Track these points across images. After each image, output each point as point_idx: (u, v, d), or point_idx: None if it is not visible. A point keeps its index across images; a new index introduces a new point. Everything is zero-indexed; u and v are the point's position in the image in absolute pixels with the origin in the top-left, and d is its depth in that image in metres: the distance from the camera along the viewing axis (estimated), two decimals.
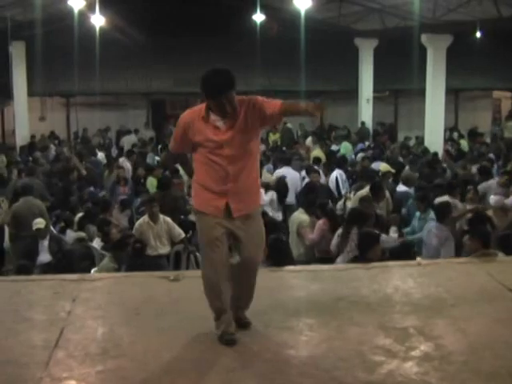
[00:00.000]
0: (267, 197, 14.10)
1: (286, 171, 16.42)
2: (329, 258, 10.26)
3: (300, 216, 11.78)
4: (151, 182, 16.18)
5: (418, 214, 12.36)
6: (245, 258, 5.66)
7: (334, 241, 10.37)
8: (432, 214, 11.55)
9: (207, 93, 5.47)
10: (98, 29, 25.60)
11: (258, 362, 5.31)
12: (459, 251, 10.31)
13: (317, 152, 20.50)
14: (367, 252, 8.68)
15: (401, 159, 19.65)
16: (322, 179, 16.23)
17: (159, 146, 24.64)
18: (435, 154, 20.50)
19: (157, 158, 21.39)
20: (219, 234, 5.55)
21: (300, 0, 22.04)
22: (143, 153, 21.79)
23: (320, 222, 11.43)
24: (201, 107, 5.62)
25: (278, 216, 14.20)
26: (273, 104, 5.44)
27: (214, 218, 5.55)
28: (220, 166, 5.52)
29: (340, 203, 13.86)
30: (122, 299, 6.86)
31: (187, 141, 5.67)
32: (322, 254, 11.09)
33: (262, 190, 13.91)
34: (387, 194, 12.96)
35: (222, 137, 5.52)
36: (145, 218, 11.85)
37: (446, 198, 12.27)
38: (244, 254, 5.66)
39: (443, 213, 11.05)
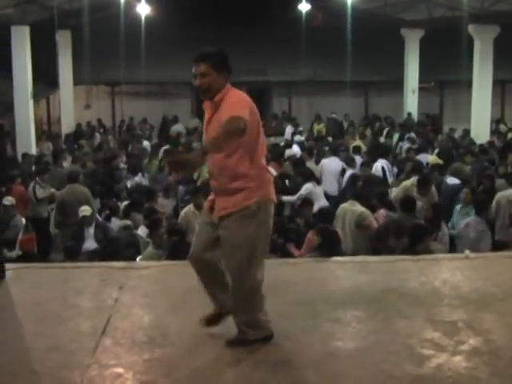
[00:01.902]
0: (307, 187, 13.95)
1: (329, 162, 16.36)
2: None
3: (356, 208, 11.27)
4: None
5: (458, 208, 12.21)
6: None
7: None
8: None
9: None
10: (143, 17, 25.68)
11: (306, 353, 5.28)
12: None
13: (357, 142, 20.43)
14: (417, 244, 8.60)
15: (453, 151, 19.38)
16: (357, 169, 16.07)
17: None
18: (481, 145, 20.29)
19: None
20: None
21: None
22: (188, 142, 21.79)
23: (382, 213, 11.31)
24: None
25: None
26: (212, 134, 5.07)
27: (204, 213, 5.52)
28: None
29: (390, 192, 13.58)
30: (168, 288, 6.89)
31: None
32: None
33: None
34: (433, 187, 12.74)
35: (205, 125, 5.39)
36: (190, 207, 11.86)
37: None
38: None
39: (483, 206, 10.94)
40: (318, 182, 14.65)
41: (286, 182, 14.87)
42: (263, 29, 28.09)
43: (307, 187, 13.84)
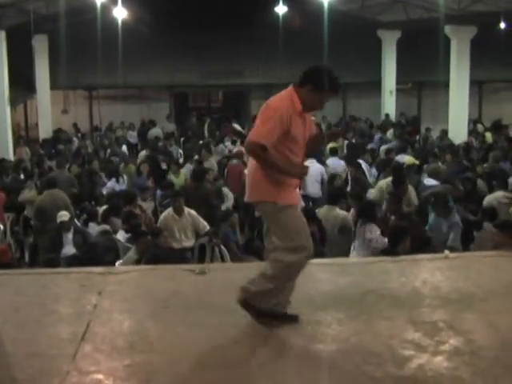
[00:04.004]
0: None
1: (309, 162, 16.35)
2: None
3: (337, 212, 11.32)
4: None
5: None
6: None
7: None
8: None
9: (333, 87, 5.72)
10: (120, 21, 25.61)
11: (288, 356, 5.26)
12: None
13: (332, 143, 20.42)
14: (397, 245, 8.61)
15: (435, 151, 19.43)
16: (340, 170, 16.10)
17: (182, 139, 24.65)
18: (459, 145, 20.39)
19: (180, 151, 21.38)
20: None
21: None
22: (165, 146, 21.81)
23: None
24: (290, 99, 5.64)
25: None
26: None
27: (298, 208, 5.79)
28: (298, 159, 5.66)
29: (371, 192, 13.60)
30: (148, 292, 6.83)
31: (282, 133, 5.48)
32: None
33: None
34: (411, 187, 12.75)
35: (306, 131, 5.71)
36: (169, 211, 11.85)
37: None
38: None
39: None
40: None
41: None
42: (241, 31, 28.10)
43: None
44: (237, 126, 27.09)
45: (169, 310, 6.24)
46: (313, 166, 16.06)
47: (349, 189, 14.32)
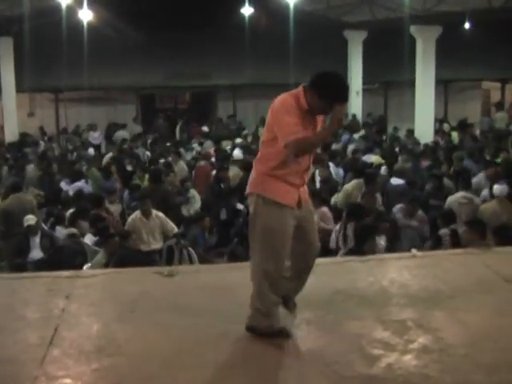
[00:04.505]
0: None
1: None
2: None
3: None
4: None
5: (398, 208, 12.29)
6: None
7: (334, 236, 10.28)
8: None
9: (341, 96, 5.51)
10: (85, 23, 25.45)
11: (258, 357, 5.25)
12: None
13: None
14: (363, 245, 8.64)
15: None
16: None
17: (149, 141, 24.54)
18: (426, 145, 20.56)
19: (147, 153, 21.28)
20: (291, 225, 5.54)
21: None
22: (132, 148, 21.72)
23: (324, 210, 11.38)
24: (296, 97, 5.58)
25: None
26: None
27: (291, 209, 5.50)
28: (303, 159, 5.53)
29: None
30: (116, 295, 6.79)
31: (299, 119, 5.44)
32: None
33: None
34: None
35: (314, 131, 5.56)
36: (137, 214, 11.82)
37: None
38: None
39: None
40: None
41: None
42: (208, 33, 28.00)
43: None
44: (204, 128, 27.06)
45: (136, 312, 6.20)
46: None
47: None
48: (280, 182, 5.47)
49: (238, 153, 18.46)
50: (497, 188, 11.62)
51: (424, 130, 23.92)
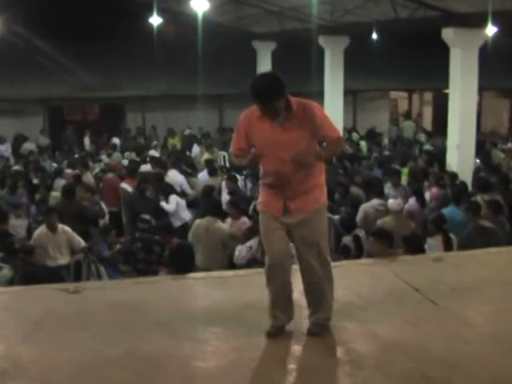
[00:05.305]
0: (175, 198, 13.86)
1: (172, 173, 16.22)
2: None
3: (218, 225, 11.24)
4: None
5: None
6: None
7: (245, 253, 10.20)
8: None
9: (254, 99, 5.57)
10: None
11: (165, 375, 5.10)
12: None
13: (207, 155, 20.32)
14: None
15: None
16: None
17: (57, 153, 24.07)
18: None
19: (54, 165, 20.84)
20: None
21: (197, 2, 21.73)
22: (36, 160, 21.26)
23: (244, 220, 11.32)
24: (253, 109, 5.76)
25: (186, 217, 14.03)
26: (331, 130, 5.81)
27: (271, 215, 5.72)
28: (270, 163, 5.64)
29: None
30: (19, 314, 6.53)
31: (248, 140, 5.75)
32: None
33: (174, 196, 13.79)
34: None
35: (276, 136, 5.59)
36: (43, 228, 11.52)
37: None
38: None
39: None
40: (179, 194, 14.57)
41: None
42: (116, 44, 27.72)
43: (175, 198, 13.79)
44: (115, 140, 26.68)
45: (42, 332, 5.99)
46: (174, 177, 15.99)
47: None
48: (264, 190, 5.81)
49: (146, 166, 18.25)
50: (392, 202, 11.67)
51: None
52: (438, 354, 5.37)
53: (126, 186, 15.21)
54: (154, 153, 21.86)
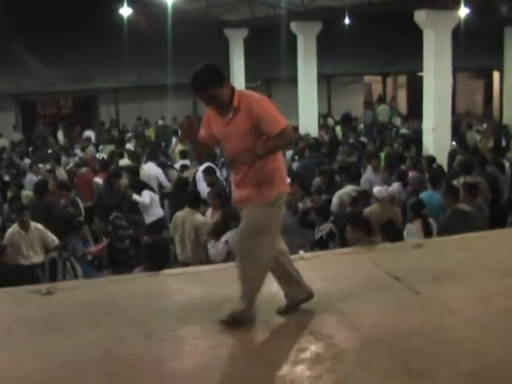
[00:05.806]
0: (149, 194, 13.69)
1: (148, 166, 16.05)
2: None
3: (196, 217, 11.01)
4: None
5: None
6: None
7: (221, 248, 10.10)
8: None
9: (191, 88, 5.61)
10: None
11: (143, 377, 4.94)
12: None
13: (180, 146, 20.16)
14: None
15: None
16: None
17: (30, 149, 23.77)
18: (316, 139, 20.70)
19: (27, 161, 20.56)
20: None
21: None
22: (9, 157, 20.95)
23: None
24: None
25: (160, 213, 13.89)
26: (271, 125, 5.48)
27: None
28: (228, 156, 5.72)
29: None
30: None
31: (209, 130, 5.91)
32: None
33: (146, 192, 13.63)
34: None
35: (223, 130, 5.68)
36: (15, 227, 11.37)
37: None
38: None
39: None
40: (153, 189, 14.41)
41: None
42: (86, 35, 27.47)
43: (149, 194, 13.70)
44: (89, 133, 26.42)
45: (13, 337, 5.78)
46: (150, 169, 15.83)
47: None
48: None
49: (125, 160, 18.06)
50: (380, 190, 11.53)
51: (308, 126, 24.04)
52: (422, 345, 5.23)
53: (98, 181, 15.04)
54: (129, 146, 21.65)
